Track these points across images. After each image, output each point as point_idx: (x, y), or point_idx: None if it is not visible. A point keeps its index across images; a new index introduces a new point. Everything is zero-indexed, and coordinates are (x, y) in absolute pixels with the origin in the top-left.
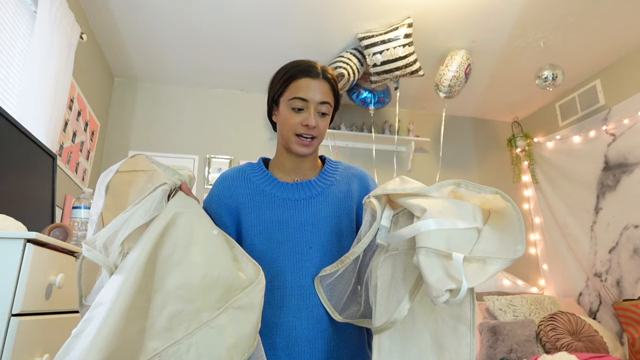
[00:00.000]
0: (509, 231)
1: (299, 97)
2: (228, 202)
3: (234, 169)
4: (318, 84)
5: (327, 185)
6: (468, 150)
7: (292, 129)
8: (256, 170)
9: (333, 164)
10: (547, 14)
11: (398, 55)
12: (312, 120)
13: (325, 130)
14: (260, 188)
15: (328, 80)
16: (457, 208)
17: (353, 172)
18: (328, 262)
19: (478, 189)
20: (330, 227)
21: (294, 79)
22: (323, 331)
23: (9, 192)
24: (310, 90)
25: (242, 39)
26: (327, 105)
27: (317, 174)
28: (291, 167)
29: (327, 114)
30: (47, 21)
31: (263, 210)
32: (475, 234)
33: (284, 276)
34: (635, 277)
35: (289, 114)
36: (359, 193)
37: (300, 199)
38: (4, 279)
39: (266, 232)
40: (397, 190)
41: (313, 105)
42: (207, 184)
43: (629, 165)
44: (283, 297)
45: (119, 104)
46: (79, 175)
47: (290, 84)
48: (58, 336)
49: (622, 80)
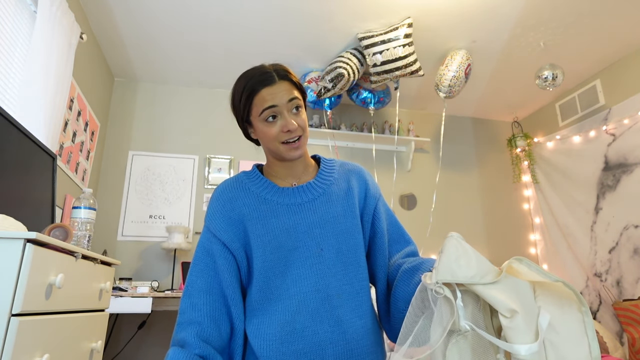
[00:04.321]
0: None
1: (267, 107)
2: (231, 216)
3: (230, 180)
4: (278, 87)
5: (327, 185)
6: (468, 150)
7: (276, 139)
8: (253, 178)
9: (328, 163)
10: (547, 14)
11: (398, 55)
12: (290, 123)
13: (306, 124)
14: (262, 196)
15: (285, 78)
16: (523, 296)
17: (349, 168)
18: (341, 262)
19: (539, 271)
20: (338, 227)
21: (255, 94)
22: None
23: (9, 192)
24: (275, 95)
25: (242, 39)
26: (296, 100)
27: (313, 174)
28: (285, 173)
29: (300, 107)
30: (47, 21)
31: (268, 218)
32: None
33: (300, 282)
34: (635, 277)
35: (266, 128)
36: (359, 189)
37: (303, 203)
38: (4, 279)
39: (275, 240)
40: (471, 279)
41: (284, 108)
42: (207, 184)
43: (629, 165)
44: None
45: (119, 104)
46: (79, 175)
47: (254, 100)
48: (58, 336)
49: (622, 80)
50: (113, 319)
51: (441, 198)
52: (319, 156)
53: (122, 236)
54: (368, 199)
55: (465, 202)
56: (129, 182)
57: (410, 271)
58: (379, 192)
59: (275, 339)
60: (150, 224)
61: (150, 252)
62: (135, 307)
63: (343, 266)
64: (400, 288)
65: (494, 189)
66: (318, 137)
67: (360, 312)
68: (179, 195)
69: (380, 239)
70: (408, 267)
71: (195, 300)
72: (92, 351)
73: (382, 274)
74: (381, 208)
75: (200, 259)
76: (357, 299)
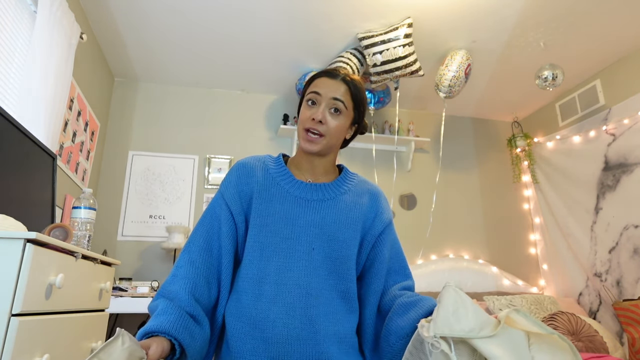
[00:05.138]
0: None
1: (313, 91)
2: (244, 189)
3: (254, 157)
4: (334, 82)
5: (340, 192)
6: (468, 150)
7: (303, 124)
8: (275, 163)
9: (350, 175)
10: (547, 14)
11: (398, 55)
12: (319, 114)
13: (335, 130)
14: (276, 181)
15: (346, 82)
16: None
17: (367, 187)
18: (327, 267)
19: (535, 323)
20: (335, 233)
21: (315, 79)
22: (315, 332)
23: (9, 192)
24: (326, 86)
25: (242, 39)
26: (340, 102)
27: (331, 180)
28: (306, 167)
29: (340, 112)
30: (47, 21)
31: (274, 202)
32: None
33: (284, 272)
34: (635, 277)
35: (303, 109)
36: (368, 208)
37: (311, 200)
38: (4, 279)
39: (272, 225)
40: (469, 333)
41: (325, 100)
42: (207, 184)
43: (629, 165)
44: (279, 293)
45: (119, 104)
46: (79, 175)
47: (312, 82)
48: (58, 336)
49: (622, 80)
50: (113, 319)
51: (441, 198)
52: (343, 166)
53: (122, 236)
54: (376, 221)
55: (465, 202)
56: (129, 182)
57: (407, 306)
58: (390, 220)
59: (249, 322)
60: (150, 224)
61: (150, 252)
62: (135, 307)
63: (327, 272)
64: (394, 321)
65: (494, 189)
66: None
67: (334, 319)
68: (179, 195)
69: (380, 264)
70: (405, 301)
71: (195, 257)
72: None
73: (374, 299)
74: (387, 235)
75: (207, 220)
76: (332, 305)
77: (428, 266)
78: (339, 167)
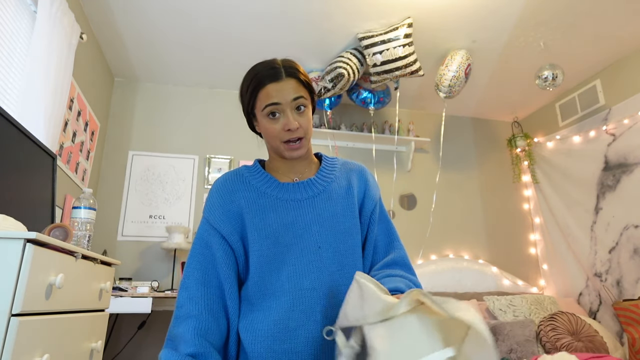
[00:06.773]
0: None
1: (269, 103)
2: (230, 208)
3: (230, 173)
4: (285, 84)
5: (328, 182)
6: (468, 150)
7: (278, 138)
8: (254, 172)
9: (330, 161)
10: (547, 14)
11: (398, 55)
12: (291, 122)
13: (309, 125)
14: (262, 190)
15: (293, 75)
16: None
17: (351, 167)
18: (338, 261)
19: (438, 306)
20: (336, 225)
21: (260, 88)
22: None
23: (9, 192)
24: (278, 92)
25: (242, 39)
26: (301, 99)
27: (315, 171)
28: (286, 169)
29: (305, 106)
30: (47, 21)
31: (267, 213)
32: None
33: (296, 278)
34: (635, 277)
35: (268, 124)
36: (359, 188)
37: (303, 199)
38: (4, 279)
39: (273, 235)
40: (357, 319)
41: (287, 105)
42: (207, 184)
43: (629, 165)
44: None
45: (119, 104)
46: (79, 175)
47: (259, 94)
48: (58, 336)
49: (622, 80)
50: (113, 319)
51: (441, 198)
52: (321, 154)
53: (122, 236)
54: (367, 199)
55: (465, 202)
56: (129, 182)
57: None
58: (379, 195)
59: (268, 335)
60: (150, 224)
61: (150, 252)
62: (135, 307)
63: (340, 266)
64: None
65: (494, 189)
66: (318, 137)
67: None
68: (179, 195)
69: (368, 246)
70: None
71: (193, 292)
72: (92, 351)
73: None
74: (377, 213)
75: (198, 250)
76: None
77: (428, 266)
78: (317, 155)
